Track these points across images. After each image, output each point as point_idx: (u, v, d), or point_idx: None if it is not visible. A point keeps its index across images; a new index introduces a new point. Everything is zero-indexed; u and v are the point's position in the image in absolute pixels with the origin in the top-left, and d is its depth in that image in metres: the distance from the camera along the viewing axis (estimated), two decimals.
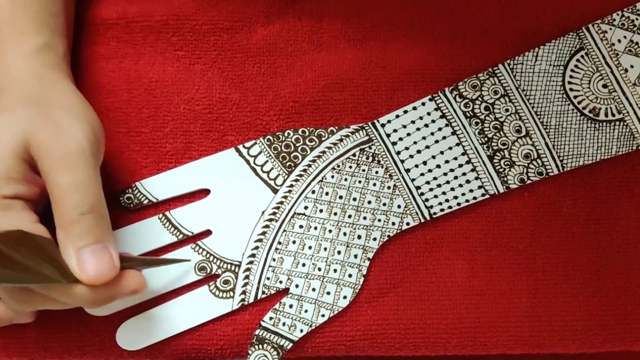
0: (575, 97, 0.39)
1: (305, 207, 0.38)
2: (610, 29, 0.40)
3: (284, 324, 0.37)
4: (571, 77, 0.39)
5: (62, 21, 0.37)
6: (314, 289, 0.37)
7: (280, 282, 0.37)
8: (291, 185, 0.39)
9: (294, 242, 0.38)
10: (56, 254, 0.31)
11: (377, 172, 0.39)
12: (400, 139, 0.39)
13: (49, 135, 0.32)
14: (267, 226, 0.38)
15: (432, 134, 0.39)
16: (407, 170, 0.39)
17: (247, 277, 0.37)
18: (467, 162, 0.39)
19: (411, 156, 0.39)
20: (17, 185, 0.31)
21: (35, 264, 0.30)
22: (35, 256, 0.30)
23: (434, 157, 0.39)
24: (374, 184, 0.39)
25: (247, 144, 0.39)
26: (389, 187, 0.39)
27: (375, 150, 0.39)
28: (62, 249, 0.31)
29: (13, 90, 0.33)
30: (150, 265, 0.36)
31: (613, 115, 0.39)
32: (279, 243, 0.38)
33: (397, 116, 0.39)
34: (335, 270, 0.38)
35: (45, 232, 0.32)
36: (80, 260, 0.31)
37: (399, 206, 0.38)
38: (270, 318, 0.37)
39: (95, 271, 0.31)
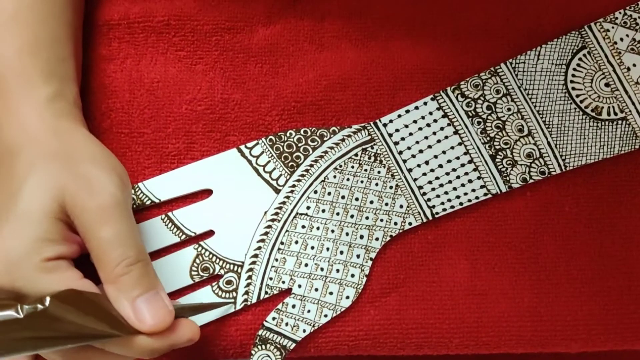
0: (577, 96, 0.39)
1: (308, 207, 0.38)
2: (613, 27, 0.39)
3: (286, 324, 0.37)
4: (573, 76, 0.39)
5: (72, 66, 0.37)
6: (316, 289, 0.37)
7: (283, 282, 0.37)
8: (293, 186, 0.39)
9: (296, 242, 0.38)
10: (109, 308, 0.31)
11: (379, 172, 0.39)
12: (402, 138, 0.39)
13: (81, 192, 0.31)
14: (269, 226, 0.38)
15: (434, 133, 0.39)
16: (410, 170, 0.39)
17: (249, 277, 0.37)
18: (469, 162, 0.39)
19: (413, 156, 0.39)
20: (57, 246, 0.31)
21: (91, 321, 0.30)
22: (90, 313, 0.30)
23: (436, 156, 0.39)
24: (376, 184, 0.39)
25: (249, 144, 0.39)
26: (391, 187, 0.39)
27: (377, 150, 0.39)
28: (116, 302, 0.31)
29: (32, 149, 0.33)
30: (198, 312, 0.35)
31: (615, 114, 0.39)
32: (282, 243, 0.38)
33: (399, 116, 0.39)
34: (337, 270, 0.38)
35: (92, 287, 0.32)
36: (137, 311, 0.31)
37: (401, 206, 0.38)
38: (273, 318, 0.37)
39: (153, 318, 0.31)
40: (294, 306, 0.37)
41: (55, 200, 0.31)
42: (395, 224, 0.38)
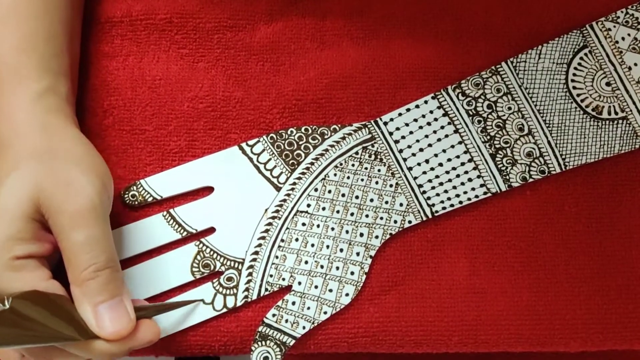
0: (578, 95, 0.39)
1: (308, 205, 0.38)
2: (614, 26, 0.39)
3: (286, 321, 0.37)
4: (574, 75, 0.39)
5: (66, 61, 0.37)
6: (316, 286, 0.38)
7: (283, 279, 0.38)
8: (294, 183, 0.39)
9: (296, 239, 0.38)
10: (72, 311, 0.31)
11: (379, 170, 0.39)
12: (403, 137, 0.39)
13: (59, 193, 0.32)
14: (270, 224, 0.38)
15: (435, 132, 0.39)
16: (410, 168, 0.39)
17: (250, 274, 0.38)
18: (470, 160, 0.39)
19: (413, 154, 0.39)
20: (28, 245, 0.31)
21: (52, 322, 0.30)
22: (52, 315, 0.30)
23: (436, 155, 0.39)
24: (377, 182, 0.39)
25: (251, 142, 0.39)
26: (391, 185, 0.39)
27: (377, 148, 0.39)
28: (78, 306, 0.31)
29: (18, 145, 0.33)
30: (163, 311, 0.36)
31: (616, 113, 0.39)
32: (282, 240, 0.38)
33: (400, 114, 0.39)
34: (337, 268, 0.38)
35: (59, 289, 0.32)
36: (98, 317, 0.31)
37: (401, 204, 0.39)
38: (273, 315, 0.37)
39: (114, 326, 0.31)
40: (294, 303, 0.37)
41: (31, 200, 0.31)
42: (395, 222, 0.38)
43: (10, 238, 0.31)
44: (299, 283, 0.38)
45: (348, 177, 0.39)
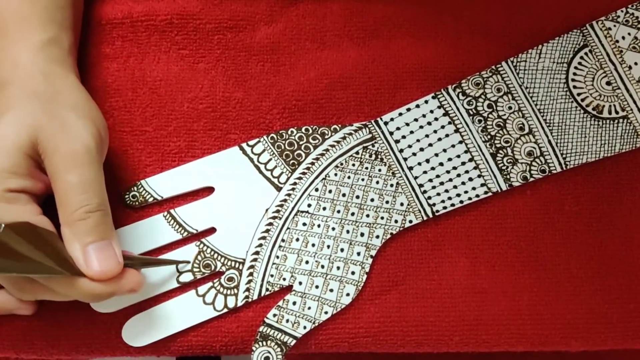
0: (578, 94, 0.39)
1: (309, 205, 0.38)
2: (614, 26, 0.39)
3: (287, 321, 0.37)
4: (575, 74, 0.39)
5: (70, 14, 0.37)
6: (317, 286, 0.38)
7: (284, 279, 0.38)
8: (294, 183, 0.39)
9: (297, 239, 0.38)
10: (60, 247, 0.32)
11: (380, 170, 0.39)
12: (403, 136, 0.39)
13: (56, 134, 0.32)
14: (270, 224, 0.38)
15: (435, 131, 0.39)
16: (410, 168, 0.39)
17: (251, 274, 0.38)
18: (470, 160, 0.39)
19: (414, 154, 0.39)
20: (22, 180, 0.32)
21: (39, 255, 0.30)
22: (40, 248, 0.31)
23: (436, 154, 0.39)
24: (377, 182, 0.39)
25: (251, 142, 0.39)
26: (391, 185, 0.39)
27: (378, 148, 0.39)
28: (68, 244, 0.32)
29: (18, 85, 0.34)
30: (150, 265, 0.36)
31: (617, 112, 0.39)
32: (283, 240, 0.38)
33: (400, 114, 0.39)
34: (338, 268, 0.38)
35: (49, 224, 0.32)
36: (87, 256, 0.32)
37: (401, 204, 0.39)
38: (274, 315, 0.37)
39: (101, 266, 0.32)
40: (294, 303, 0.37)
41: (29, 137, 0.32)
42: (396, 221, 0.38)
43: (5, 170, 0.32)
44: (300, 283, 0.38)
45: (349, 177, 0.39)
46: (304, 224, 0.38)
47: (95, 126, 0.34)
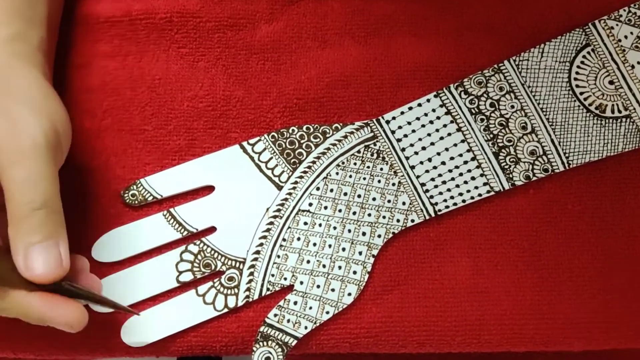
0: (581, 93, 0.39)
1: (310, 204, 0.38)
2: (617, 25, 0.39)
3: (288, 321, 0.37)
4: (577, 73, 0.39)
5: (42, 11, 0.36)
6: (318, 286, 0.37)
7: (285, 278, 0.37)
8: (296, 182, 0.38)
9: (298, 238, 0.38)
10: (5, 255, 0.30)
11: (381, 169, 0.39)
12: (405, 135, 0.39)
13: (3, 130, 0.31)
14: (271, 223, 0.38)
15: (437, 130, 0.39)
16: (412, 167, 0.39)
17: (251, 273, 0.37)
18: (472, 159, 0.39)
19: (416, 153, 0.39)
20: None
21: None
22: None
23: (439, 153, 0.39)
24: (379, 181, 0.39)
25: (252, 141, 0.39)
26: (393, 184, 0.39)
27: (379, 147, 0.39)
28: (12, 246, 0.30)
29: None
30: (95, 301, 0.34)
31: (619, 111, 0.39)
32: (284, 240, 0.38)
33: (402, 113, 0.39)
34: (339, 267, 0.38)
35: None
36: (28, 257, 0.30)
37: (403, 203, 0.38)
38: (275, 315, 0.37)
39: (43, 268, 0.30)
40: (295, 303, 0.37)
41: None
42: (398, 221, 0.38)
43: None
44: (301, 282, 0.37)
45: (350, 176, 0.39)
46: (305, 223, 0.38)
47: (51, 122, 0.32)
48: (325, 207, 0.38)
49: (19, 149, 0.31)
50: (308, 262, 0.38)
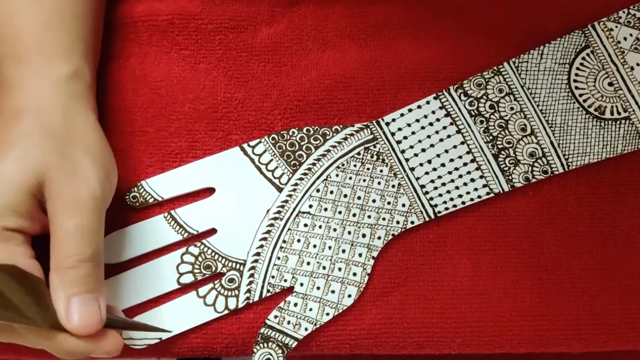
0: (580, 95, 0.39)
1: (310, 206, 0.38)
2: (616, 26, 0.39)
3: (288, 323, 0.37)
4: (577, 75, 0.39)
5: (91, 46, 0.37)
6: (318, 288, 0.37)
7: (285, 280, 0.37)
8: (296, 184, 0.39)
9: (298, 240, 0.38)
10: (45, 296, 0.31)
11: (381, 171, 0.39)
12: (405, 137, 0.39)
13: (63, 176, 0.31)
14: (271, 225, 0.38)
15: (437, 132, 0.39)
16: (412, 169, 0.39)
17: (252, 275, 0.37)
18: (472, 161, 0.39)
19: (416, 155, 0.39)
20: (21, 220, 0.31)
21: (22, 301, 0.29)
22: (24, 294, 0.30)
23: (438, 155, 0.39)
24: (379, 183, 0.39)
25: (252, 143, 0.39)
26: (393, 186, 0.39)
27: (379, 149, 0.39)
28: (53, 292, 0.31)
29: (34, 118, 0.33)
30: (132, 329, 0.35)
31: (619, 113, 0.39)
32: (284, 241, 0.38)
33: (402, 115, 0.39)
34: (339, 269, 0.38)
35: (38, 270, 0.32)
36: (69, 308, 0.31)
37: (403, 205, 0.38)
38: (275, 316, 0.37)
39: (82, 321, 0.31)
40: (296, 304, 0.37)
41: (36, 176, 0.31)
42: (398, 222, 0.38)
43: (7, 207, 0.31)
44: (301, 284, 0.37)
45: (350, 178, 0.39)
46: (305, 225, 0.38)
47: (106, 172, 0.33)
48: (325, 209, 0.38)
49: (76, 198, 0.31)
50: (308, 263, 0.38)
